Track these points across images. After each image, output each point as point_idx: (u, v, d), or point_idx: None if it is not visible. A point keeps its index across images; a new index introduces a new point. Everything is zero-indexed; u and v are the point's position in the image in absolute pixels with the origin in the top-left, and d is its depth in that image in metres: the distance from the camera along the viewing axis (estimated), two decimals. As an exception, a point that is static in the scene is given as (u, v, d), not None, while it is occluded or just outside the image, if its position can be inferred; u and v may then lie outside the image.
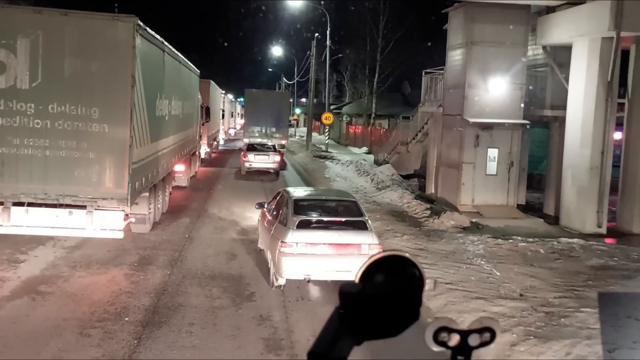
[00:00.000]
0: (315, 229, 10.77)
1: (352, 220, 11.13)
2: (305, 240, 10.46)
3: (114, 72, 11.97)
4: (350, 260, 10.19)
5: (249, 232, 16.03)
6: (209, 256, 13.38)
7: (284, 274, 10.59)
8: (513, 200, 20.00)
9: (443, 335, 1.21)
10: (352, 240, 10.64)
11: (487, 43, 19.32)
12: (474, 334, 1.21)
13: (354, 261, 10.00)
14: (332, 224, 11.04)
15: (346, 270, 9.95)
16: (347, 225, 10.99)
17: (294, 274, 10.62)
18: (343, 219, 11.22)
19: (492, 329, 1.22)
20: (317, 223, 10.99)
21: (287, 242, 10.41)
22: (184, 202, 20.42)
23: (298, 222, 10.66)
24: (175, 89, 18.43)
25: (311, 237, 10.54)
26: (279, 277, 10.72)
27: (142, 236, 14.76)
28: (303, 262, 10.42)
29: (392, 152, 30.88)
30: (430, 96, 24.15)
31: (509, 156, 19.90)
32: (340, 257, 10.43)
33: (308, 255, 10.44)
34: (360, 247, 10.51)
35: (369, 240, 10.60)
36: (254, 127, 39.57)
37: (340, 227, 10.89)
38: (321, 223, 11.03)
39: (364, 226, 10.91)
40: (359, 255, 10.28)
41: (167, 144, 17.19)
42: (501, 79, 19.22)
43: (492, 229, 17.15)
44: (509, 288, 11.32)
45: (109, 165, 12.07)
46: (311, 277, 10.59)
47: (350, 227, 10.92)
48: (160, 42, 15.01)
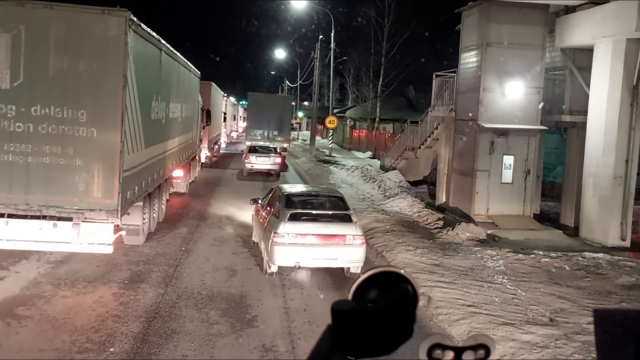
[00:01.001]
0: (305, 221, 11.80)
1: (338, 213, 12.23)
2: (295, 231, 11.54)
3: (103, 71, 10.93)
4: (336, 249, 11.63)
5: (250, 244, 14.98)
6: (207, 272, 12.31)
7: (276, 262, 11.67)
8: (529, 211, 18.93)
9: (437, 352, 1.16)
10: (337, 231, 11.74)
11: (503, 44, 18.27)
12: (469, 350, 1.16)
13: (339, 250, 11.63)
14: (320, 216, 12.07)
15: (332, 258, 11.66)
16: (333, 218, 12.10)
17: (285, 262, 11.71)
18: (330, 212, 12.28)
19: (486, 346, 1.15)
20: (307, 216, 11.98)
21: (279, 233, 11.49)
22: (182, 209, 19.37)
23: (289, 215, 11.75)
24: (173, 90, 17.40)
25: (301, 228, 11.62)
26: (272, 264, 11.76)
27: (135, 249, 13.72)
28: (293, 250, 11.54)
29: (399, 158, 29.80)
30: (440, 100, 23.04)
31: (526, 163, 18.83)
32: (327, 247, 11.63)
33: (298, 245, 11.51)
34: (345, 238, 11.68)
35: (353, 232, 11.76)
36: (256, 131, 39.74)
37: (327, 220, 11.99)
38: (310, 216, 12.02)
39: (349, 219, 12.06)
40: (344, 245, 11.65)
41: (164, 149, 16.15)
42: (518, 82, 18.18)
43: (510, 241, 16.08)
44: (537, 311, 10.26)
45: (98, 173, 11.02)
46: (300, 264, 11.79)
47: (337, 220, 12.02)
48: (156, 39, 13.97)
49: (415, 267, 12.79)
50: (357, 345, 1.21)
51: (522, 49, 18.30)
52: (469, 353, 1.17)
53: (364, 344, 1.21)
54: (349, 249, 11.69)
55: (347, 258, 11.81)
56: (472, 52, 19.22)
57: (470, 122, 18.84)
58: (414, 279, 1.31)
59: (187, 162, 22.19)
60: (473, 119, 18.69)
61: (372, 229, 16.89)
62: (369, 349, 1.23)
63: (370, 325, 1.21)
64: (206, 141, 31.39)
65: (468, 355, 1.18)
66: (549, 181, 25.54)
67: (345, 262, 11.99)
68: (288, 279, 12.13)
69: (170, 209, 18.70)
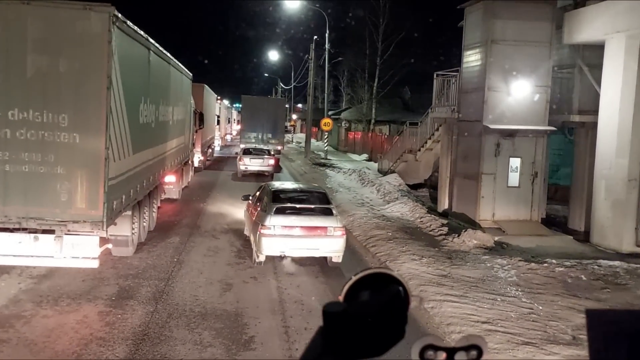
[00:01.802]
0: (290, 214, 12.69)
1: (321, 207, 13.21)
2: (281, 224, 12.43)
3: (86, 71, 10.10)
4: (318, 240, 12.55)
5: (245, 254, 14.17)
6: (200, 287, 11.47)
7: (264, 252, 12.54)
8: (537, 215, 18.13)
9: (429, 353, 1.15)
10: (320, 223, 12.61)
11: (509, 41, 17.48)
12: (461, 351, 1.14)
13: (321, 241, 12.56)
14: (303, 210, 12.98)
15: (315, 248, 12.59)
16: (316, 211, 13.01)
17: (272, 252, 12.59)
18: (313, 206, 13.26)
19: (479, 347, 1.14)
20: (291, 210, 12.87)
21: (266, 225, 12.40)
22: (175, 217, 18.54)
23: (275, 208, 12.68)
24: (163, 92, 16.57)
25: (286, 221, 12.51)
26: (260, 254, 12.68)
27: (124, 261, 12.89)
28: (279, 241, 12.43)
29: (398, 161, 28.96)
30: (442, 100, 22.22)
31: (533, 166, 18.03)
32: (310, 238, 12.54)
33: (283, 236, 12.40)
34: (327, 229, 12.57)
35: (333, 224, 12.67)
36: (250, 133, 40.04)
37: (311, 213, 12.90)
38: (294, 210, 12.90)
39: (330, 212, 13.01)
40: (325, 236, 12.57)
41: (155, 154, 15.32)
42: (524, 81, 17.39)
43: (519, 249, 15.29)
44: (557, 328, 9.48)
45: (81, 182, 10.19)
46: (286, 254, 12.73)
47: (319, 213, 12.91)
48: (144, 38, 13.14)
49: (422, 279, 11.99)
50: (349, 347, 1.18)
51: (529, 46, 17.52)
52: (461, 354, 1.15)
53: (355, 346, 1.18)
54: (330, 240, 12.62)
55: (328, 248, 12.73)
56: (476, 50, 18.43)
57: (475, 123, 18.05)
58: (405, 280, 1.29)
59: (180, 167, 21.37)
60: (478, 119, 17.90)
61: (373, 237, 16.09)
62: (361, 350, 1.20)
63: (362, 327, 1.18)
64: (199, 145, 30.74)
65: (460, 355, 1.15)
66: (552, 183, 24.71)
67: (327, 252, 12.87)
68: (287, 292, 11.32)
69: (162, 216, 17.88)
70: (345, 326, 1.18)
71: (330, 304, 1.22)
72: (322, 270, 13.02)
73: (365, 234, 16.58)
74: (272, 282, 12.06)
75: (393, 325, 1.23)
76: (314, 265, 13.43)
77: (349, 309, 1.21)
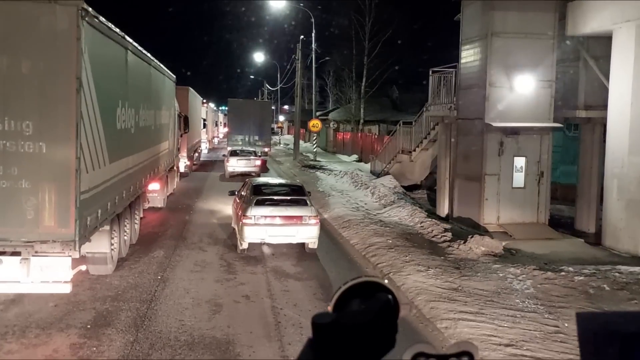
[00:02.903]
0: (269, 205, 13.99)
1: (297, 198, 14.55)
2: (261, 214, 13.72)
3: (52, 73, 8.95)
4: (294, 228, 13.84)
5: (236, 268, 13.09)
6: (187, 309, 10.34)
7: (246, 239, 13.91)
8: (544, 217, 17.13)
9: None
10: (296, 213, 13.92)
11: (510, 34, 16.47)
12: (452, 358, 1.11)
13: (297, 228, 13.84)
14: (281, 201, 14.31)
15: (291, 235, 13.92)
16: (292, 202, 14.33)
17: (253, 239, 13.94)
18: (289, 197, 14.60)
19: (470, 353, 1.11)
20: (270, 201, 14.20)
21: (247, 215, 13.71)
22: (159, 228, 17.39)
23: (256, 200, 14.01)
24: (144, 95, 15.43)
25: (265, 211, 13.80)
26: (243, 242, 14.06)
27: (103, 280, 11.76)
28: (260, 230, 13.71)
29: (391, 161, 27.86)
30: (440, 97, 21.13)
31: (538, 165, 17.03)
32: (287, 226, 13.81)
33: (263, 225, 13.70)
34: (302, 218, 13.87)
35: (308, 213, 14.00)
36: (237, 136, 40.78)
37: (288, 204, 14.21)
38: (273, 201, 14.24)
39: (305, 203, 14.36)
40: (301, 224, 13.85)
41: (136, 162, 14.18)
42: (528, 76, 16.37)
43: (529, 255, 14.26)
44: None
45: (49, 197, 9.04)
46: (265, 241, 14.03)
47: (295, 204, 14.25)
48: (120, 36, 12.00)
49: (431, 294, 10.92)
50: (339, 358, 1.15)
51: (531, 39, 16.51)
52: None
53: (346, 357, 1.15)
54: (306, 228, 13.90)
55: (304, 235, 14.05)
56: (474, 44, 17.40)
57: (476, 121, 17.02)
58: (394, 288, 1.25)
59: (164, 173, 20.22)
60: (479, 117, 16.87)
61: (373, 245, 15.02)
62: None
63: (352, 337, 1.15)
64: (185, 149, 30.01)
65: None
66: (552, 182, 23.78)
67: (303, 239, 14.22)
68: (283, 314, 10.22)
69: (145, 227, 16.75)
70: (335, 337, 1.14)
71: (319, 314, 1.17)
72: (321, 286, 11.96)
73: (363, 242, 15.51)
74: (265, 301, 10.95)
75: (383, 335, 1.18)
76: (311, 279, 12.38)
77: (339, 319, 1.16)
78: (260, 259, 14.07)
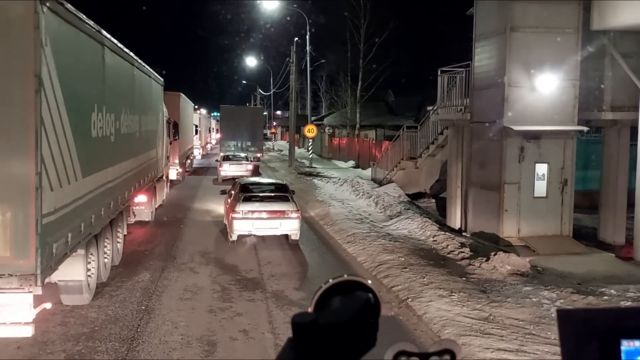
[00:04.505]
0: (255, 201, 15.53)
1: (280, 195, 16.11)
2: (248, 209, 15.15)
3: (4, 69, 7.39)
4: (278, 221, 15.16)
5: (232, 293, 11.53)
6: (175, 349, 8.76)
7: (235, 232, 15.36)
8: (568, 229, 15.55)
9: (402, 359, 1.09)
10: (279, 208, 15.31)
11: (531, 28, 14.94)
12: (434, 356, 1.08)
13: (280, 221, 15.17)
14: (266, 198, 15.92)
15: (275, 227, 15.28)
16: (276, 198, 15.84)
17: (241, 231, 15.38)
18: (274, 194, 16.21)
19: (452, 352, 1.07)
20: (256, 198, 15.84)
21: (236, 211, 15.11)
22: (146, 245, 15.79)
23: (243, 197, 15.59)
24: (126, 99, 13.87)
25: (252, 206, 15.22)
26: (232, 234, 15.49)
27: (78, 312, 10.19)
28: (247, 223, 15.10)
29: (394, 168, 26.27)
30: (448, 100, 19.57)
31: (562, 172, 15.49)
32: (272, 220, 15.16)
33: (250, 219, 15.05)
34: (285, 212, 15.22)
35: (290, 208, 15.38)
36: (230, 142, 41.35)
37: (272, 200, 15.75)
38: (259, 198, 15.87)
39: (288, 199, 15.77)
40: (284, 218, 15.20)
41: (117, 174, 12.60)
42: (550, 75, 14.84)
43: (558, 273, 12.73)
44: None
45: (3, 222, 7.46)
46: (252, 232, 15.45)
47: (279, 200, 15.72)
48: (94, 30, 10.43)
49: (459, 326, 9.35)
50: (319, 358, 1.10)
51: (554, 34, 14.97)
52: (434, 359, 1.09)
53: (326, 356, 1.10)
54: (288, 221, 15.31)
55: (286, 227, 15.45)
56: (491, 40, 15.86)
57: (493, 125, 15.48)
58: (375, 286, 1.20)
59: (152, 184, 18.64)
60: (496, 120, 15.33)
61: (383, 263, 13.46)
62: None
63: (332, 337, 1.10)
64: (176, 157, 29.12)
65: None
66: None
67: (286, 230, 15.59)
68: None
69: (130, 245, 15.20)
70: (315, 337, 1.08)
71: (299, 314, 1.10)
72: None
73: (372, 260, 13.95)
74: (267, 337, 9.36)
75: (364, 333, 1.15)
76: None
77: (319, 319, 1.10)
78: (259, 282, 12.50)
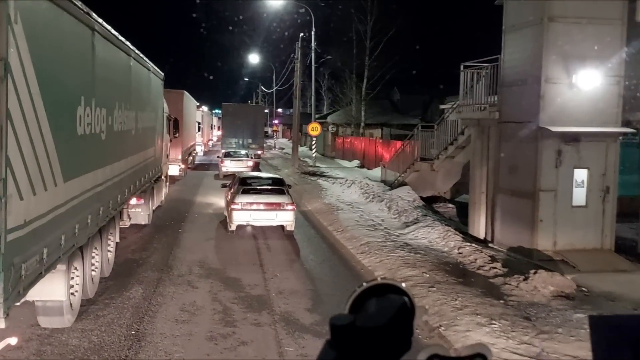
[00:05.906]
0: (253, 194, 16.46)
1: (276, 188, 17.11)
2: (246, 201, 16.18)
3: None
4: (274, 212, 16.29)
5: (235, 315, 10.05)
6: (168, 391, 7.30)
7: (234, 222, 16.39)
8: (609, 242, 14.08)
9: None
10: (275, 200, 16.37)
11: (572, 18, 13.47)
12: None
13: (276, 213, 16.30)
14: (263, 190, 16.81)
15: (271, 218, 16.40)
16: (273, 191, 16.85)
17: (240, 221, 16.39)
18: (270, 187, 17.15)
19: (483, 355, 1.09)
20: (254, 190, 16.71)
21: (235, 202, 16.21)
22: (140, 253, 14.34)
23: (242, 190, 16.62)
24: (120, 92, 12.38)
25: (250, 198, 16.23)
26: (231, 224, 16.50)
27: (58, 337, 8.76)
28: (245, 214, 16.20)
29: (407, 170, 24.73)
30: (471, 97, 18.03)
31: (603, 179, 13.99)
32: (268, 211, 16.22)
33: (248, 210, 16.16)
34: (281, 205, 16.29)
35: (286, 200, 16.44)
36: (231, 139, 41.80)
37: (269, 193, 16.71)
38: (256, 190, 16.75)
39: (284, 192, 16.80)
40: (280, 210, 16.30)
41: (108, 176, 11.11)
42: (592, 70, 13.38)
43: (606, 295, 11.24)
44: None
45: (-44, 239, 5.99)
46: (250, 223, 16.52)
47: (275, 193, 16.75)
48: (81, 12, 8.92)
49: (508, 364, 7.87)
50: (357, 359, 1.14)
51: (596, 25, 13.51)
52: None
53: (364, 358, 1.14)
54: (284, 212, 16.21)
55: (282, 218, 16.30)
56: (524, 31, 14.35)
57: (525, 125, 13.98)
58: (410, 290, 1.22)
59: (149, 185, 17.17)
60: (529, 120, 13.85)
61: (405, 279, 11.90)
62: None
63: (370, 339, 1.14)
64: (179, 153, 29.12)
65: None
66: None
67: (281, 221, 16.41)
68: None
69: (123, 252, 13.78)
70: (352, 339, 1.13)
71: (337, 316, 1.15)
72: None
73: (392, 275, 12.42)
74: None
75: (400, 337, 1.17)
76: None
77: (356, 322, 1.14)
78: (265, 301, 11.02)
